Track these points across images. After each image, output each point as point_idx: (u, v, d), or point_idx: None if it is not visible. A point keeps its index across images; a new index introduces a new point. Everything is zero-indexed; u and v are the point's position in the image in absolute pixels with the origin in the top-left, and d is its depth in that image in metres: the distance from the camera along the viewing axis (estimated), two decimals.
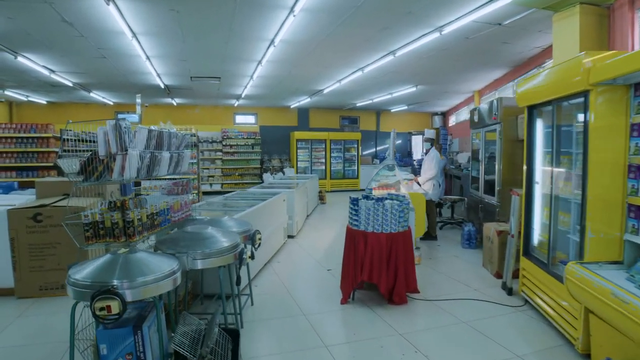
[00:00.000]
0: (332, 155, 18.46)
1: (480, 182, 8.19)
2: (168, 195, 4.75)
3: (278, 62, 9.89)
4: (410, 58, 9.56)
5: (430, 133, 9.56)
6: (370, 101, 16.23)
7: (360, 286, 5.25)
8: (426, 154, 9.78)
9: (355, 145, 18.65)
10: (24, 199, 6.55)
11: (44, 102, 16.04)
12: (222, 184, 17.35)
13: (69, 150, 3.45)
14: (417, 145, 20.25)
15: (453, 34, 7.65)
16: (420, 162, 13.21)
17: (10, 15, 6.61)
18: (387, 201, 5.02)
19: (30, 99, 14.93)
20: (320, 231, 9.55)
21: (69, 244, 5.85)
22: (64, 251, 5.76)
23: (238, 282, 4.28)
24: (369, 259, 4.84)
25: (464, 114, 16.93)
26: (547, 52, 9.03)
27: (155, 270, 2.89)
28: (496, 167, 7.36)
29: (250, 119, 18.72)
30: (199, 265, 3.60)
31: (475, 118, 8.51)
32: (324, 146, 18.33)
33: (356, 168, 18.71)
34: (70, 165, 3.93)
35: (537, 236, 5.02)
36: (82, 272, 2.83)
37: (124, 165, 3.87)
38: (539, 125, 4.90)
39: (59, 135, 10.53)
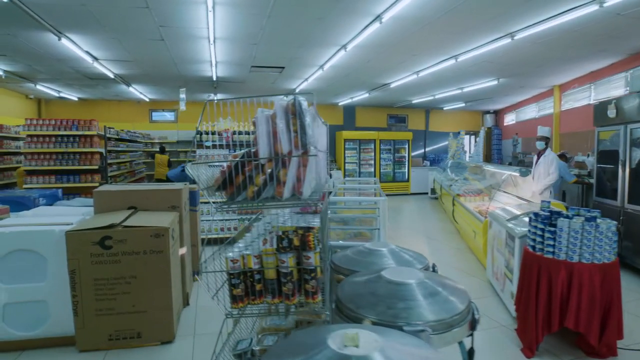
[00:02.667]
0: (381, 156, 16.65)
1: (622, 189, 6.44)
2: (301, 214, 3.05)
3: (366, 48, 8.12)
4: (525, 42, 7.78)
5: (544, 131, 7.70)
6: (432, 97, 14.43)
7: None
8: (538, 155, 7.98)
9: (406, 146, 16.81)
10: (76, 213, 4.77)
11: (75, 99, 14.35)
12: None
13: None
14: (467, 146, 18.49)
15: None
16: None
17: None
18: (599, 220, 3.53)
19: (61, 94, 13.24)
20: (408, 242, 7.74)
21: (148, 279, 4.13)
22: (141, 288, 4.07)
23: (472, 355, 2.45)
24: (576, 300, 3.48)
25: (530, 112, 15.13)
26: None
27: None
28: None
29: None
30: (439, 343, 1.86)
31: (611, 113, 6.71)
32: (372, 147, 16.51)
33: (406, 170, 16.87)
34: (201, 173, 2.39)
35: None
36: None
37: (302, 175, 2.28)
38: None
39: (103, 133, 8.79)
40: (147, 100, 14.81)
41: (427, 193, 16.09)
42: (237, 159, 2.32)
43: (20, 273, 3.97)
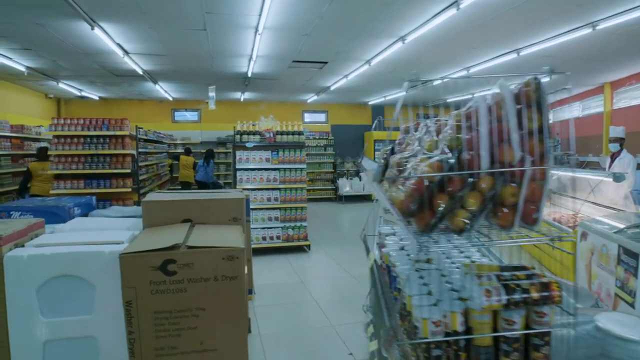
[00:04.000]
0: None
1: None
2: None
3: (426, 39, 7.29)
4: (605, 33, 6.94)
5: (618, 131, 6.85)
6: (471, 95, 13.52)
7: None
8: (612, 158, 7.13)
9: None
10: (120, 227, 3.95)
11: (96, 98, 13.61)
12: None
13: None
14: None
15: None
16: None
17: None
18: None
19: (83, 93, 12.49)
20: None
21: (219, 310, 3.29)
22: (211, 322, 3.18)
23: None
24: None
25: (572, 111, 14.21)
26: None
27: None
28: None
29: (321, 117, 16.11)
30: None
31: None
32: None
33: None
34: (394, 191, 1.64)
35: None
36: None
37: (539, 195, 1.51)
38: None
39: (134, 134, 8.00)
40: (171, 99, 14.04)
41: None
42: (447, 173, 1.49)
43: (64, 304, 3.13)
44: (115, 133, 7.33)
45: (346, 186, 14.37)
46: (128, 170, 7.42)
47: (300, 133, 8.08)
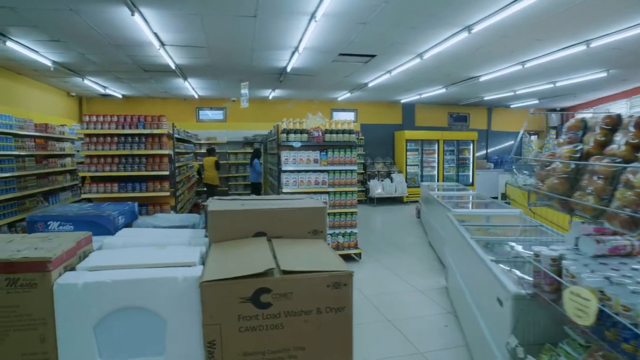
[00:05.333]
0: (444, 158, 14.99)
1: None
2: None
3: (494, 30, 6.52)
4: None
5: None
6: (512, 93, 12.73)
7: None
8: None
9: (470, 147, 15.13)
10: (180, 241, 3.21)
11: (120, 96, 12.92)
12: None
13: None
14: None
15: None
16: None
17: None
18: None
19: (107, 91, 11.80)
20: None
21: (322, 350, 2.53)
22: None
23: None
24: None
25: (617, 109, 13.35)
26: None
27: None
28: None
29: (349, 115, 15.32)
30: None
31: None
32: (435, 148, 14.86)
33: (470, 173, 15.20)
34: None
35: None
36: None
37: None
38: None
39: (171, 132, 7.26)
40: (197, 97, 13.32)
41: (496, 198, 14.37)
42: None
43: (128, 343, 2.40)
44: (152, 131, 6.60)
45: (378, 188, 13.58)
46: (166, 173, 6.69)
47: (350, 132, 7.33)
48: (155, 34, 6.66)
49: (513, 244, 4.18)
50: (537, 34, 6.89)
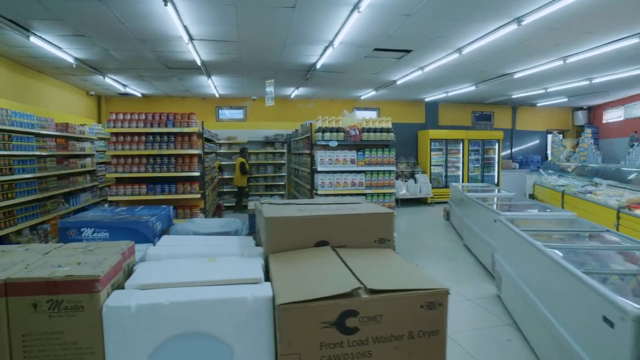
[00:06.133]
0: (469, 158, 14.50)
1: None
2: None
3: (542, 22, 6.06)
4: None
5: None
6: (543, 90, 12.22)
7: None
8: None
9: (495, 146, 14.61)
10: (230, 251, 2.79)
11: (139, 95, 12.59)
12: None
13: None
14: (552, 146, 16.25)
15: None
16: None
17: None
18: None
19: (127, 89, 11.46)
20: None
21: None
22: None
23: None
24: None
25: None
26: None
27: None
28: None
29: (372, 115, 14.86)
30: None
31: None
32: (460, 147, 14.37)
33: (495, 174, 14.68)
34: None
35: None
36: None
37: None
38: None
39: (201, 131, 6.87)
40: (217, 96, 12.94)
41: None
42: None
43: None
44: (183, 130, 6.22)
45: (402, 189, 13.12)
46: (197, 174, 6.31)
47: (388, 130, 6.93)
48: (186, 27, 6.28)
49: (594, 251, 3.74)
50: (588, 26, 6.43)
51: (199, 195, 6.30)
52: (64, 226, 3.27)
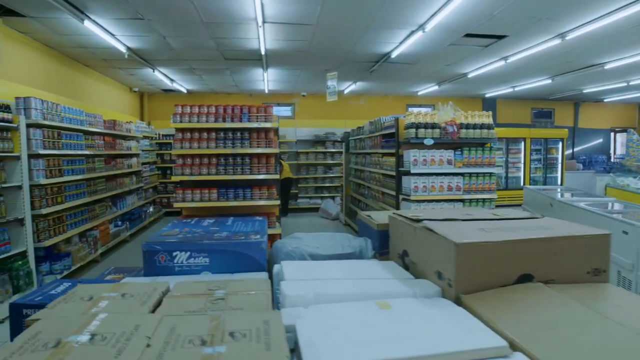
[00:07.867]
0: (531, 158, 13.31)
1: None
2: None
3: None
4: None
5: None
6: (625, 84, 11.00)
7: None
8: None
9: (558, 146, 13.36)
10: (392, 289, 1.83)
11: (184, 91, 11.77)
12: None
13: None
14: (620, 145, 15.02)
15: None
16: None
17: None
18: None
19: (174, 85, 10.65)
20: None
21: None
22: None
23: None
24: None
25: None
26: None
27: None
28: None
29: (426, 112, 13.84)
30: None
31: None
32: (521, 147, 13.19)
33: (559, 175, 13.45)
34: None
35: None
36: None
37: None
38: None
39: (277, 127, 5.93)
40: (266, 92, 12.05)
41: None
42: None
43: None
44: (260, 125, 5.31)
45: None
46: (276, 176, 5.39)
47: (489, 127, 5.94)
48: (263, 6, 5.35)
49: None
50: None
51: (277, 202, 5.38)
52: (150, 249, 2.37)
